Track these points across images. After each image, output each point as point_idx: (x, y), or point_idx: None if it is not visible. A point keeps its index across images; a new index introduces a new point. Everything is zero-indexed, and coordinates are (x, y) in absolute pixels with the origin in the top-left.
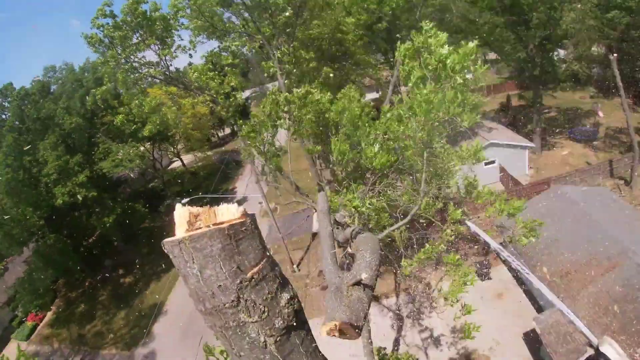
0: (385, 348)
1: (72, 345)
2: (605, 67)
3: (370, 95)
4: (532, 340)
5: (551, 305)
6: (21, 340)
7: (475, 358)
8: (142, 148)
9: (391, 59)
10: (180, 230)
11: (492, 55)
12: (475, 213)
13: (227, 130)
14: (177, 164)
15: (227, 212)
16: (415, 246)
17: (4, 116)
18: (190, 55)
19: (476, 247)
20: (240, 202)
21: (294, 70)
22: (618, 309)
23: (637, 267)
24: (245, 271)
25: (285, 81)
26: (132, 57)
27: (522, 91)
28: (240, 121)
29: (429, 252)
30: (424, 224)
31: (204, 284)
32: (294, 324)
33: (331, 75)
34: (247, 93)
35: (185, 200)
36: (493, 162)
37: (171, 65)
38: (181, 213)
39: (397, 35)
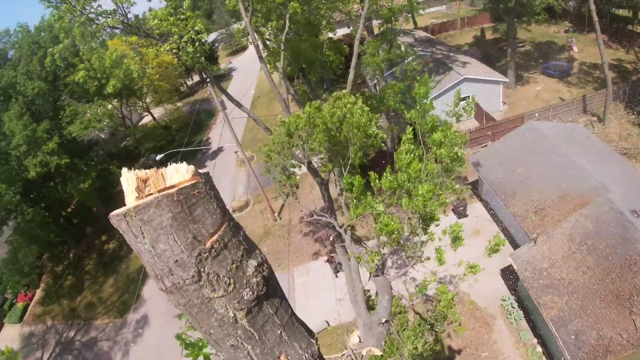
0: (369, 290)
1: (65, 320)
2: (582, 1)
3: (342, 31)
4: (510, 275)
5: (526, 241)
6: (14, 323)
7: (456, 296)
8: (109, 106)
9: None
10: (130, 199)
11: None
12: None
13: (196, 78)
14: (147, 119)
15: (177, 174)
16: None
17: None
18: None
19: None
20: (216, 153)
21: (259, 6)
22: (592, 244)
23: (609, 203)
24: (203, 241)
25: (253, 19)
26: (87, 7)
27: (496, 24)
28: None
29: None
30: None
31: (159, 260)
32: (265, 292)
33: (299, 10)
34: (213, 36)
35: (159, 157)
36: (467, 97)
37: (129, 12)
38: (128, 179)
39: None
